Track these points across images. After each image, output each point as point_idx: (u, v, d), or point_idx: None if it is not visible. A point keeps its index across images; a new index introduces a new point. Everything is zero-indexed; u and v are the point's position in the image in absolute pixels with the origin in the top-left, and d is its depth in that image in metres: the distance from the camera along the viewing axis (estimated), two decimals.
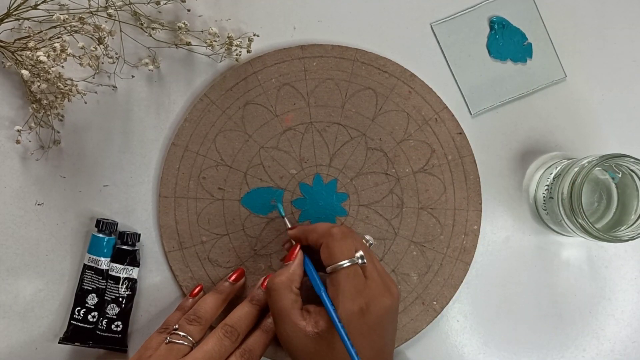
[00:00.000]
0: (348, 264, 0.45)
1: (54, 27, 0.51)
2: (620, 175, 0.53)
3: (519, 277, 0.56)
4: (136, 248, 0.53)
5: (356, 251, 0.46)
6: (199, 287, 0.52)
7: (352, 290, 0.45)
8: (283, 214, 0.53)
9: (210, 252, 0.54)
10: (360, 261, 0.46)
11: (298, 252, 0.49)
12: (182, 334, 0.47)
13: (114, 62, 0.53)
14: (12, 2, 0.51)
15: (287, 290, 0.47)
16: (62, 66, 0.50)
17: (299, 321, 0.46)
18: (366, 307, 0.45)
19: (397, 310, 0.48)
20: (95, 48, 0.50)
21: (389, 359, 0.48)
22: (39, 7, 0.51)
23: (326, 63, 0.55)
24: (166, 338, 0.47)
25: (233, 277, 0.52)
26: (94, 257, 0.52)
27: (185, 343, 0.46)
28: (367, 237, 0.50)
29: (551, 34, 0.58)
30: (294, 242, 0.50)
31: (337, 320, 0.44)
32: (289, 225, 0.52)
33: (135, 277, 0.53)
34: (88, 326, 0.52)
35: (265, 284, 0.49)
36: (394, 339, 0.49)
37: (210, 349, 0.46)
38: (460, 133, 0.56)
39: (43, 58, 0.48)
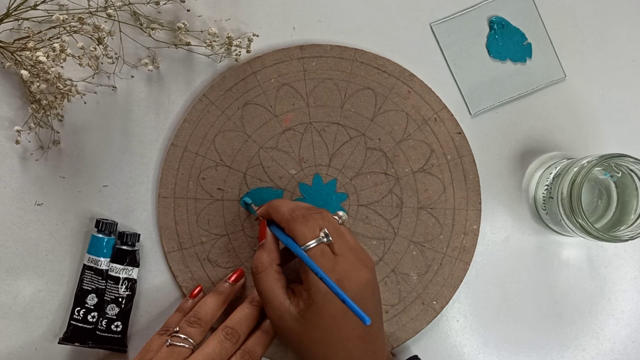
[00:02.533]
0: (314, 244, 0.45)
1: (54, 27, 0.51)
2: (620, 175, 0.53)
3: (519, 276, 0.56)
4: (136, 248, 0.53)
5: (320, 230, 0.46)
6: (198, 288, 0.52)
7: (322, 270, 0.44)
8: (249, 201, 0.53)
9: (210, 253, 0.54)
10: (325, 239, 0.45)
11: (267, 231, 0.49)
12: (183, 336, 0.47)
13: (113, 63, 0.53)
14: (12, 2, 0.51)
15: (270, 270, 0.47)
16: (62, 66, 0.50)
17: (283, 300, 0.46)
18: (339, 284, 0.44)
19: (376, 282, 0.48)
20: (95, 48, 0.50)
21: (379, 335, 0.48)
22: (38, 7, 0.51)
23: (325, 63, 0.55)
24: (167, 340, 0.47)
25: (233, 278, 0.52)
26: (94, 257, 0.52)
27: (187, 346, 0.46)
28: (340, 212, 0.49)
29: (551, 34, 0.58)
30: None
31: (319, 271, 0.43)
32: (256, 208, 0.52)
33: (135, 277, 0.53)
34: (88, 326, 0.52)
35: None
36: (379, 311, 0.49)
37: (211, 351, 0.46)
38: (460, 133, 0.56)
39: (42, 58, 0.48)
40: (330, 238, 0.46)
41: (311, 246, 0.45)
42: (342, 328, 0.45)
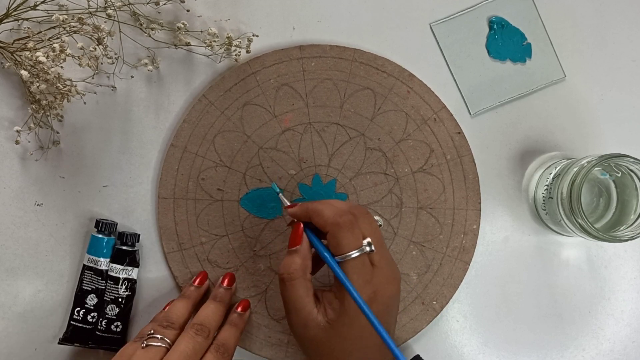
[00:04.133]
0: (357, 254, 0.44)
1: (53, 27, 0.51)
2: (619, 175, 0.53)
3: (519, 277, 0.56)
4: (135, 249, 0.53)
5: (364, 238, 0.45)
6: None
7: (360, 281, 0.44)
8: (278, 190, 0.50)
9: (210, 253, 0.54)
10: (368, 249, 0.45)
11: (304, 236, 0.47)
12: (159, 336, 0.46)
13: (113, 63, 0.53)
14: (11, 2, 0.51)
15: (302, 278, 0.46)
16: (62, 67, 0.50)
17: (312, 310, 0.45)
18: (374, 295, 0.44)
19: (400, 295, 0.48)
20: (95, 48, 0.50)
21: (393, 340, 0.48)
22: (38, 7, 0.51)
23: (325, 63, 0.55)
24: (143, 343, 0.46)
25: (197, 281, 0.52)
26: (94, 257, 0.52)
27: (163, 345, 0.46)
28: (376, 217, 0.48)
29: (550, 34, 0.58)
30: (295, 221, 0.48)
31: (362, 304, 0.43)
32: (287, 203, 0.49)
33: (135, 277, 0.53)
34: (87, 327, 0.52)
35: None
36: (395, 322, 0.49)
37: (185, 348, 0.45)
38: (459, 133, 0.56)
39: (42, 58, 0.48)
40: (373, 248, 0.45)
41: (353, 256, 0.44)
42: (366, 337, 0.45)
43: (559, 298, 0.56)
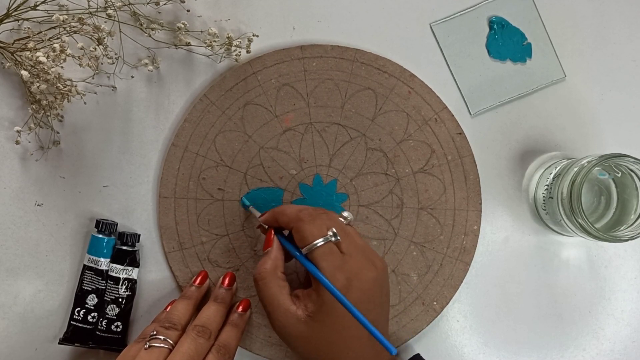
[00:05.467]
0: (322, 243, 0.45)
1: (54, 27, 0.51)
2: (619, 175, 0.53)
3: (519, 277, 0.56)
4: (136, 249, 0.53)
5: (328, 229, 0.46)
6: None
7: (330, 268, 0.44)
8: (247, 204, 0.53)
9: (210, 253, 0.54)
10: (333, 238, 0.45)
11: (274, 237, 0.49)
12: (161, 337, 0.46)
13: (113, 63, 0.53)
14: (12, 2, 0.51)
15: (274, 277, 0.47)
16: (62, 67, 0.50)
17: (289, 306, 0.46)
18: (348, 282, 0.44)
19: (386, 282, 0.48)
20: (95, 48, 0.50)
21: (385, 333, 0.48)
22: (38, 7, 0.51)
23: (326, 63, 0.55)
24: (145, 344, 0.46)
25: (198, 281, 0.52)
26: (94, 257, 0.52)
27: (165, 346, 0.46)
28: (345, 213, 0.49)
29: (550, 34, 0.58)
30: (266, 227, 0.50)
31: (330, 285, 0.43)
32: (258, 214, 0.51)
33: (135, 277, 0.53)
34: (88, 327, 0.52)
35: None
36: (387, 311, 0.49)
37: (187, 349, 0.45)
38: (460, 133, 0.56)
39: (42, 59, 0.48)
40: (338, 237, 0.46)
41: (319, 244, 0.45)
42: (350, 327, 0.45)
43: (559, 298, 0.57)
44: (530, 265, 0.57)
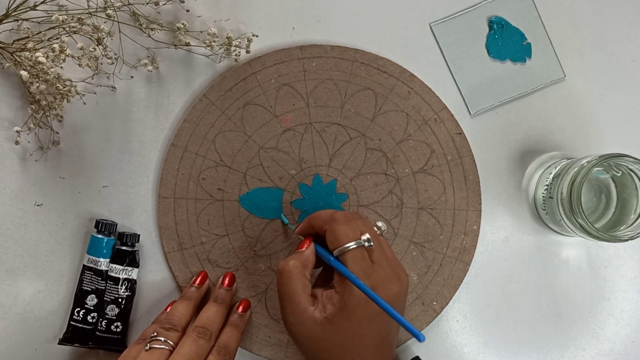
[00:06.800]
0: (354, 246, 0.45)
1: (53, 27, 0.51)
2: (619, 175, 0.53)
3: (519, 277, 0.56)
4: (135, 249, 0.53)
5: (362, 234, 0.45)
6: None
7: (359, 273, 0.44)
8: (286, 221, 0.53)
9: (210, 253, 0.54)
10: (366, 244, 0.45)
11: (310, 242, 0.48)
12: (162, 339, 0.46)
13: (113, 63, 0.53)
14: (11, 3, 0.51)
15: (300, 274, 0.46)
16: (61, 67, 0.50)
17: (308, 306, 0.46)
18: (373, 291, 0.43)
19: (405, 298, 0.48)
20: (94, 49, 0.50)
21: (393, 345, 0.48)
22: (37, 8, 0.51)
23: (325, 63, 0.55)
24: (146, 345, 0.46)
25: (197, 281, 0.52)
26: (94, 257, 0.52)
27: (166, 347, 0.46)
28: (379, 223, 0.48)
29: (550, 34, 0.58)
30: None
31: (362, 285, 0.43)
32: (293, 228, 0.51)
33: (135, 278, 0.53)
34: (87, 327, 0.52)
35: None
36: (398, 326, 0.49)
37: (187, 350, 0.45)
38: (460, 133, 0.56)
39: (42, 59, 0.48)
40: (372, 243, 0.45)
41: (352, 247, 0.45)
42: (365, 335, 0.45)
43: (559, 298, 0.57)
44: (530, 265, 0.57)
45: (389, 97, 0.56)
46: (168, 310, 0.51)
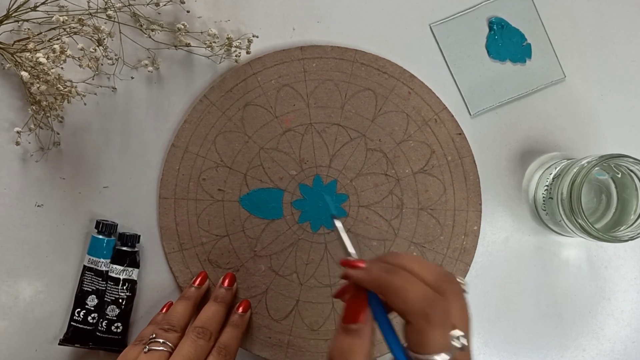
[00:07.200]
0: (444, 357, 0.35)
1: (54, 28, 0.51)
2: (619, 175, 0.53)
3: (519, 277, 0.57)
4: (136, 249, 0.53)
5: (452, 329, 0.36)
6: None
7: None
8: (337, 215, 0.46)
9: (210, 254, 0.54)
10: (459, 345, 0.36)
11: (367, 312, 0.36)
12: (161, 340, 0.46)
13: (113, 64, 0.53)
14: (12, 3, 0.51)
15: None
16: (62, 68, 0.50)
17: None
18: None
19: None
20: (95, 49, 0.50)
21: None
22: (38, 8, 0.51)
23: (326, 64, 0.55)
24: (144, 347, 0.46)
25: (197, 281, 0.52)
26: (94, 258, 0.52)
27: (165, 349, 0.46)
28: (460, 279, 0.39)
29: (550, 35, 0.58)
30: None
31: None
32: (351, 250, 0.37)
33: (135, 278, 0.53)
34: (88, 327, 0.52)
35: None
36: None
37: (187, 351, 0.45)
38: (460, 134, 0.56)
39: (42, 59, 0.48)
40: (465, 342, 0.36)
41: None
42: None
43: (559, 298, 0.57)
44: (530, 266, 0.57)
45: (389, 97, 0.56)
46: (165, 310, 0.51)
